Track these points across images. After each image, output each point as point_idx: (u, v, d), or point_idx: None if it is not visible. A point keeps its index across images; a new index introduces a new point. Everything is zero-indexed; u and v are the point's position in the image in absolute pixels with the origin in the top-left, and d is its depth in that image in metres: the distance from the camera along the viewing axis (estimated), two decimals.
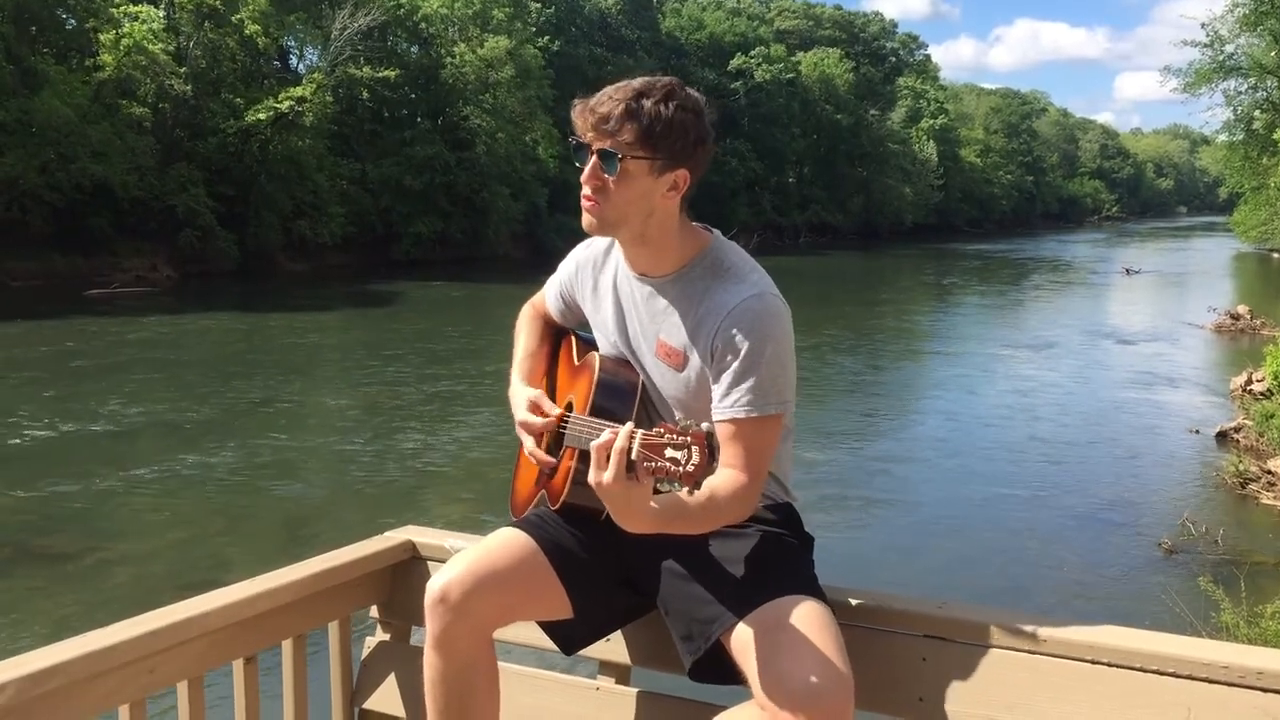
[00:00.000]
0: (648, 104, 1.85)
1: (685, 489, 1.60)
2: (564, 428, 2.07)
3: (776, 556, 1.97)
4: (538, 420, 2.08)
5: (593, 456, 1.66)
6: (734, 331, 1.89)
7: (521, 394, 2.15)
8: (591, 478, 1.67)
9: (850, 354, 23.25)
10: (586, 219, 1.94)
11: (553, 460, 2.09)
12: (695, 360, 1.96)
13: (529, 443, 2.11)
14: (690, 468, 1.58)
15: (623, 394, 2.03)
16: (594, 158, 1.88)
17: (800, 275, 42.87)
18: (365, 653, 2.46)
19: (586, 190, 1.91)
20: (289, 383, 18.68)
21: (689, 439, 1.59)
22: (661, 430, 1.62)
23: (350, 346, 23.50)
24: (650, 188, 1.89)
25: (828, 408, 17.06)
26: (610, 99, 1.87)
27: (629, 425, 1.66)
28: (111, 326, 23.66)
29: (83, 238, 31.93)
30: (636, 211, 1.91)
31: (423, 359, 20.81)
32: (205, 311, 26.91)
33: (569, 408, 2.10)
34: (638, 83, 1.89)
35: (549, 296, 2.29)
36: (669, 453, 1.60)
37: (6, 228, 30.27)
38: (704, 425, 1.60)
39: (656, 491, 1.69)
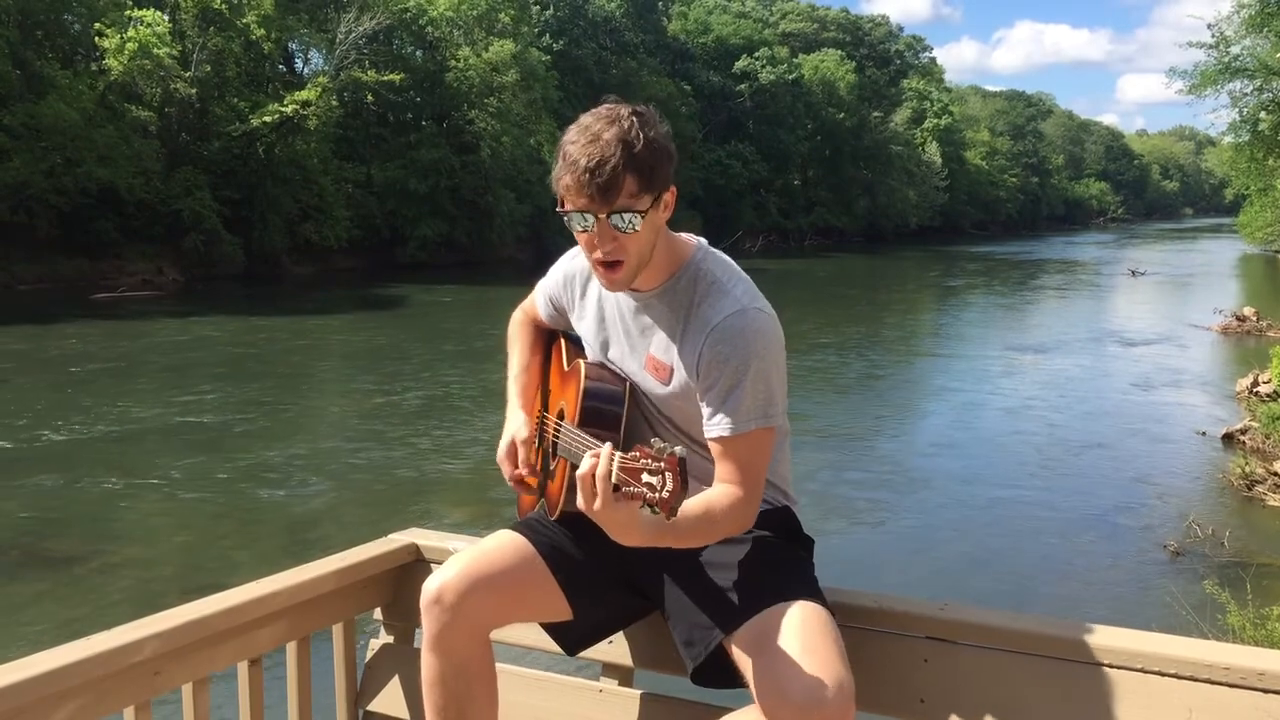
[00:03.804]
0: (639, 150, 1.82)
1: (662, 514, 1.60)
2: (557, 438, 2.08)
3: (776, 561, 1.98)
4: (507, 470, 2.14)
5: (579, 487, 1.67)
6: (718, 349, 1.90)
7: (509, 428, 2.18)
8: (581, 507, 1.69)
9: (857, 355, 23.23)
10: (609, 284, 1.94)
11: (533, 489, 2.15)
12: (681, 374, 1.97)
13: (505, 474, 2.15)
14: (665, 494, 1.58)
15: (611, 401, 2.04)
16: (602, 222, 1.84)
17: (807, 278, 42.87)
18: (369, 655, 2.47)
19: (600, 255, 1.88)
20: (295, 386, 18.72)
21: (663, 464, 1.59)
22: (638, 454, 1.62)
23: (356, 349, 23.51)
24: (655, 220, 1.90)
25: (833, 409, 17.05)
26: (600, 161, 1.81)
27: (608, 447, 1.66)
28: (117, 330, 23.70)
29: (89, 241, 31.99)
30: (650, 246, 1.92)
31: (428, 362, 20.83)
32: (211, 315, 26.93)
33: (561, 416, 2.12)
34: (608, 133, 1.83)
35: (538, 302, 2.31)
36: (645, 478, 1.60)
37: (13, 231, 30.32)
38: (678, 450, 1.59)
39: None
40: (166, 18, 34.37)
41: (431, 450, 13.86)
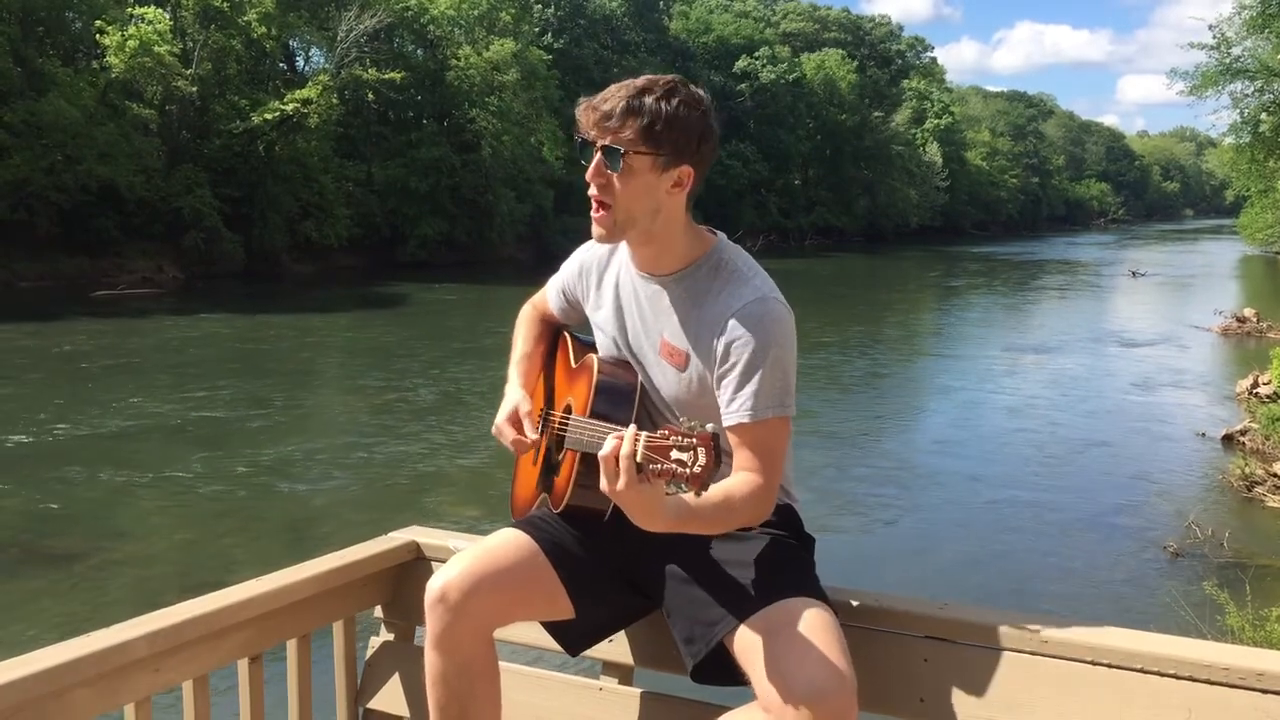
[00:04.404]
0: (649, 100, 1.87)
1: (692, 491, 1.59)
2: (564, 430, 2.08)
3: (778, 558, 1.98)
4: (509, 434, 2.11)
5: (602, 468, 1.66)
6: (738, 336, 1.90)
7: (509, 399, 2.17)
8: (605, 488, 1.67)
9: (857, 356, 23.23)
10: (597, 231, 1.96)
11: (535, 439, 2.10)
12: (697, 361, 1.97)
13: (506, 438, 2.12)
14: (697, 469, 1.57)
15: (622, 395, 2.04)
16: (598, 154, 1.89)
17: (808, 277, 42.86)
18: (370, 652, 2.47)
19: (593, 190, 1.92)
20: (295, 384, 18.72)
21: (695, 440, 1.58)
22: (666, 432, 1.61)
23: (356, 348, 23.52)
24: (654, 184, 1.91)
25: (834, 409, 17.05)
26: (613, 96, 1.89)
27: (632, 428, 1.66)
28: (118, 328, 23.71)
29: (89, 239, 32.01)
30: (643, 209, 1.92)
31: (428, 360, 20.83)
32: (211, 313, 26.95)
33: (568, 409, 2.11)
34: (641, 80, 1.91)
35: (550, 295, 2.30)
36: (674, 454, 1.59)
37: (14, 229, 30.34)
38: (709, 426, 1.58)
39: (666, 491, 1.69)
40: (167, 15, 34.38)
41: (432, 448, 13.86)
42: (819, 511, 10.80)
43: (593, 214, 1.94)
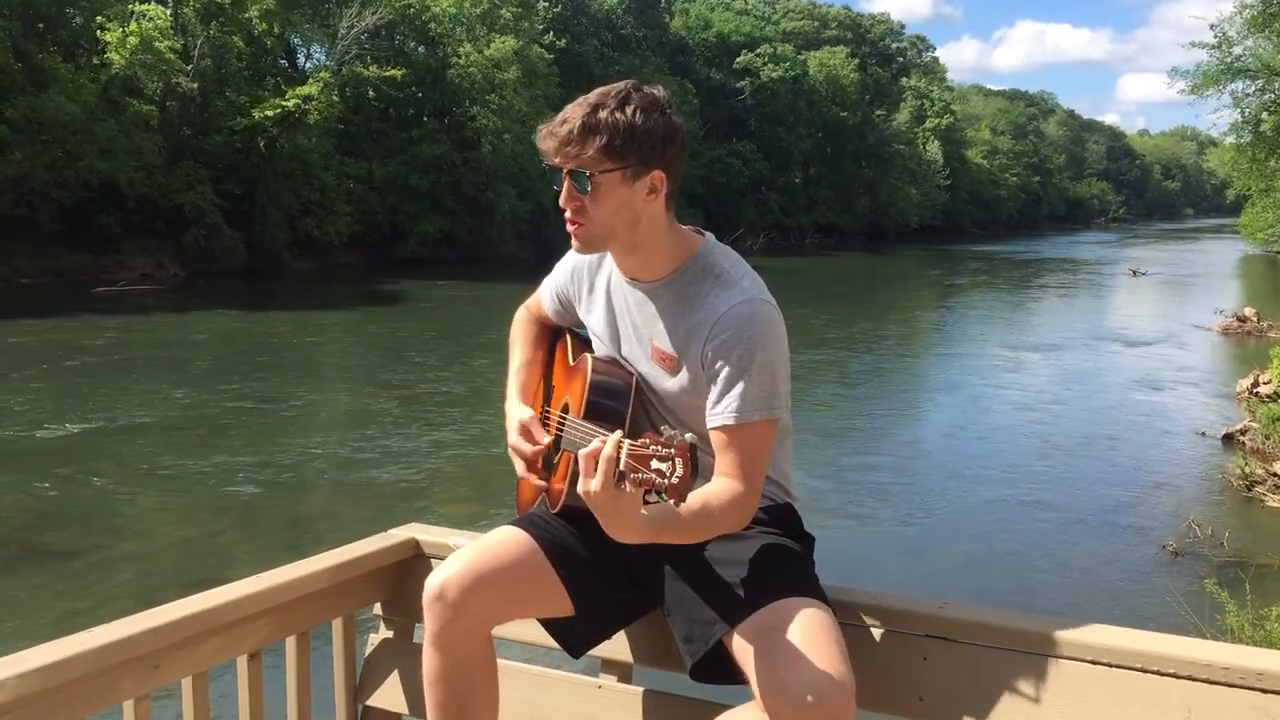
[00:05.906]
0: (604, 115, 1.85)
1: (671, 501, 1.60)
2: (561, 431, 2.08)
3: (777, 557, 1.98)
4: (527, 448, 2.10)
5: (580, 465, 1.66)
6: (725, 338, 1.89)
7: (514, 415, 2.16)
8: (580, 486, 1.67)
9: (857, 354, 23.23)
10: (575, 243, 1.95)
11: (544, 484, 2.12)
12: (687, 366, 1.97)
13: (519, 466, 2.12)
14: (675, 480, 1.57)
15: (617, 395, 2.04)
16: (566, 180, 1.88)
17: (809, 276, 42.86)
18: (369, 649, 2.47)
19: (568, 213, 1.91)
20: (295, 381, 18.70)
21: (673, 450, 1.58)
22: (647, 441, 1.61)
23: (356, 345, 23.52)
24: (628, 196, 1.89)
25: (833, 408, 17.05)
26: (569, 118, 1.87)
27: (617, 434, 1.65)
28: (118, 324, 23.69)
29: (90, 236, 31.97)
30: (621, 222, 1.91)
31: (429, 358, 20.83)
32: (211, 310, 26.94)
33: (565, 409, 2.11)
34: (593, 95, 1.89)
35: (544, 298, 2.30)
36: (654, 464, 1.59)
37: (14, 225, 30.31)
38: (688, 437, 1.58)
39: (646, 502, 1.68)
40: (168, 11, 34.35)
41: (432, 446, 13.85)
42: (820, 511, 10.80)
43: (569, 228, 1.93)
